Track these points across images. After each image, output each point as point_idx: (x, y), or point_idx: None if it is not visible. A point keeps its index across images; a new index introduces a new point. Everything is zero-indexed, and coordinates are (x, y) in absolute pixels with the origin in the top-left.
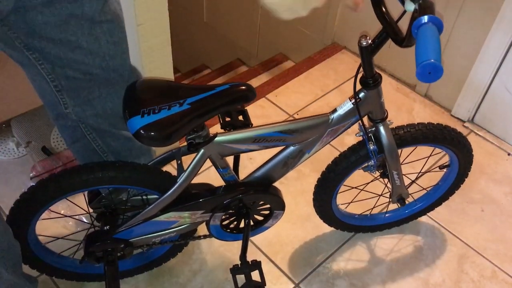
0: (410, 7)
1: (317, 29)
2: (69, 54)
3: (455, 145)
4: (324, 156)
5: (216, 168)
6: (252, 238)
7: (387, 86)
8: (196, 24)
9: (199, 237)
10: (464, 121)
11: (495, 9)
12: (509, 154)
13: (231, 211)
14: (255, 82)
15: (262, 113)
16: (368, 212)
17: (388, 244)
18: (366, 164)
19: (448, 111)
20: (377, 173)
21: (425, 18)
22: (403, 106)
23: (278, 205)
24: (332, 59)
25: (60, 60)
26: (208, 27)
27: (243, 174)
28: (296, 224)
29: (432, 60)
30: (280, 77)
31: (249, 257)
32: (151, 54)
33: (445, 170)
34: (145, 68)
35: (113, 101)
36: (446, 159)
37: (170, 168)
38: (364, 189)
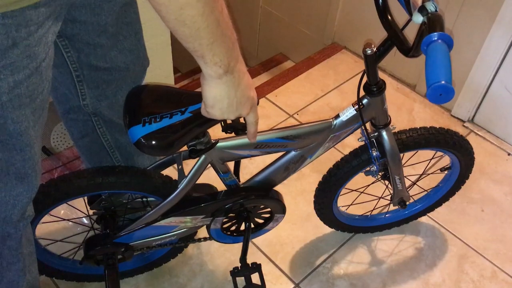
0: (418, 19)
1: (317, 29)
2: (96, 40)
3: (457, 149)
4: (324, 156)
5: (217, 173)
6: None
7: (387, 86)
8: None
9: (199, 240)
10: (464, 121)
11: (495, 9)
12: (509, 154)
13: (231, 214)
14: (255, 82)
15: (262, 113)
16: (368, 213)
17: (388, 244)
18: (368, 169)
19: (448, 111)
20: (378, 175)
21: (435, 36)
22: (403, 106)
23: (279, 209)
24: (332, 59)
25: (87, 47)
26: None
27: (243, 173)
28: (296, 224)
29: (443, 82)
30: (280, 77)
31: (249, 257)
32: (151, 54)
33: (446, 172)
34: None
35: (123, 89)
36: (447, 161)
37: (171, 168)
38: (364, 192)
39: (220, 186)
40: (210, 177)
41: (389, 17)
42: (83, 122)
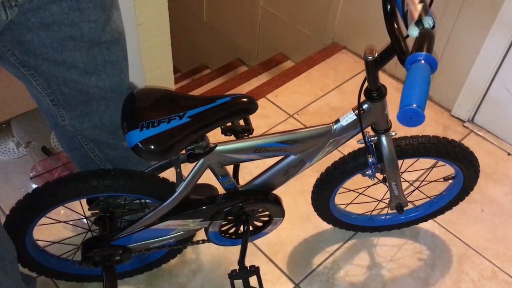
0: (414, 33)
1: (317, 29)
2: (65, 73)
3: (460, 161)
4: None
5: (216, 176)
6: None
7: (387, 86)
8: (196, 24)
9: (197, 242)
10: (464, 121)
11: (495, 9)
12: (509, 154)
13: (230, 217)
14: (255, 82)
15: (262, 113)
16: (368, 213)
17: (388, 245)
18: (365, 171)
19: (448, 111)
20: (376, 178)
21: (421, 56)
22: None
23: (278, 212)
24: (332, 59)
25: (55, 79)
26: (208, 27)
27: (242, 173)
28: (296, 224)
29: (414, 106)
30: (280, 77)
31: (249, 257)
32: (151, 54)
33: (449, 181)
34: (145, 68)
35: (111, 113)
36: (451, 170)
37: (170, 169)
38: (363, 193)
39: (220, 188)
40: (210, 177)
41: (395, 25)
42: (70, 138)
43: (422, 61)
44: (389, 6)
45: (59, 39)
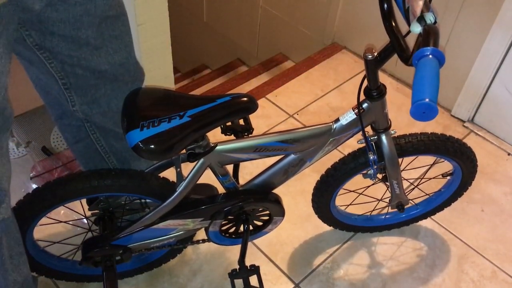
0: (416, 29)
1: (317, 29)
2: (78, 52)
3: (458, 157)
4: (325, 156)
5: (216, 176)
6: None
7: (387, 86)
8: (196, 24)
9: (197, 242)
10: (464, 121)
11: (495, 9)
12: (509, 154)
13: (230, 217)
14: (255, 82)
15: (262, 113)
16: (368, 213)
17: (388, 245)
18: (365, 172)
19: (448, 111)
20: (377, 178)
21: (428, 50)
22: (403, 106)
23: (278, 211)
24: (332, 59)
25: (70, 58)
26: (208, 27)
27: (242, 173)
28: (296, 224)
29: (427, 100)
30: (280, 77)
31: (249, 257)
32: (151, 54)
33: (448, 178)
34: (145, 68)
35: (117, 97)
36: (450, 167)
37: (170, 169)
38: (363, 193)
39: (220, 187)
40: (210, 177)
41: (393, 23)
42: (77, 127)
43: (430, 56)
44: (386, 5)
45: (75, 13)
